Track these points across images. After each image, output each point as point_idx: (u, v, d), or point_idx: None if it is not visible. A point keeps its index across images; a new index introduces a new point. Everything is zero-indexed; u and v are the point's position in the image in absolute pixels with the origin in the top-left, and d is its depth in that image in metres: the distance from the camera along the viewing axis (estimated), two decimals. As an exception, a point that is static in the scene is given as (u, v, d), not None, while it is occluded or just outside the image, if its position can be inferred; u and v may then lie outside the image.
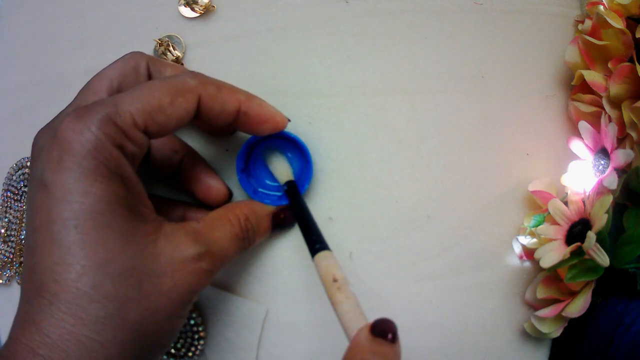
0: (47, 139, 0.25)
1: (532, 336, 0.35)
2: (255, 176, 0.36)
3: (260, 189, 0.36)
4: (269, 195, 0.36)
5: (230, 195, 0.35)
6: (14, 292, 0.40)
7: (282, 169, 0.35)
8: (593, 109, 0.35)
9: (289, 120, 0.32)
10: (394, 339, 0.24)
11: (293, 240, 0.36)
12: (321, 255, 0.29)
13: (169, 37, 0.40)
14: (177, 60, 0.39)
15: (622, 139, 0.34)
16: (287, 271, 0.36)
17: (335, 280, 0.27)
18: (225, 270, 0.37)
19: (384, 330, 0.24)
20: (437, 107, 0.38)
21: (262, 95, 0.39)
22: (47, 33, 0.43)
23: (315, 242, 0.30)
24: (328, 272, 0.27)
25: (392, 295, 0.36)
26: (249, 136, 0.35)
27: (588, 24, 0.35)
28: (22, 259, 0.40)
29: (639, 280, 0.32)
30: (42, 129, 0.27)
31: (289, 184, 0.34)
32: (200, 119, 0.28)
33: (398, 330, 0.24)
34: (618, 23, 0.33)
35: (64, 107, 0.44)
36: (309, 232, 0.31)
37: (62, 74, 0.42)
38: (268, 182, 0.36)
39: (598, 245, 0.30)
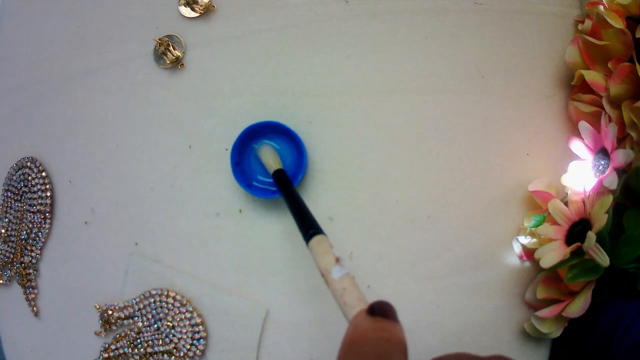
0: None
1: (532, 336, 0.35)
2: (250, 171, 0.37)
3: (254, 183, 0.36)
4: (263, 189, 0.36)
5: None
6: (14, 292, 0.40)
7: (270, 158, 0.35)
8: (593, 109, 0.35)
9: None
10: (395, 319, 0.23)
11: (293, 240, 0.37)
12: (310, 244, 0.28)
13: (169, 37, 0.40)
14: (177, 60, 0.39)
15: (622, 139, 0.34)
16: (287, 271, 0.36)
17: (322, 275, 0.26)
18: (225, 271, 0.37)
19: (382, 310, 0.23)
20: (437, 107, 0.38)
21: (262, 95, 0.39)
22: (47, 33, 0.43)
23: (309, 228, 0.29)
24: (317, 264, 0.27)
25: (392, 295, 0.36)
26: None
27: (588, 24, 0.35)
28: (22, 258, 0.40)
29: (639, 280, 0.32)
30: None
31: (277, 172, 0.34)
32: None
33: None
34: (618, 23, 0.33)
35: (63, 108, 0.44)
36: (301, 218, 0.30)
37: (62, 74, 0.42)
38: (261, 177, 0.37)
39: (598, 245, 0.30)
